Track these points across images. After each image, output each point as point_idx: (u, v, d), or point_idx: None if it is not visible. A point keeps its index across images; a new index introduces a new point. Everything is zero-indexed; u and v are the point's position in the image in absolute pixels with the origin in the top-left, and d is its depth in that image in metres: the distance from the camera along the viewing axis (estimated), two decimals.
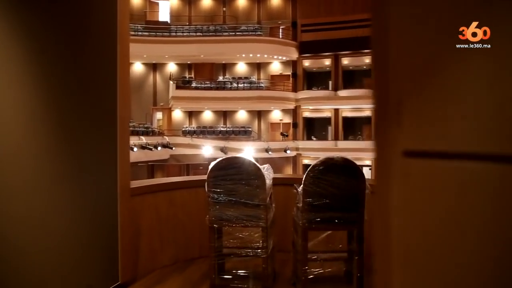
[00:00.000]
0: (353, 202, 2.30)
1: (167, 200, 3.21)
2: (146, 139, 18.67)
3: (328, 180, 2.28)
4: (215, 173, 2.45)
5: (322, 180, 2.28)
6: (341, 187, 2.28)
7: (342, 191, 2.29)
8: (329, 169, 2.28)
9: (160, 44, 21.73)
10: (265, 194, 2.43)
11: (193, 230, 3.30)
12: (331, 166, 2.27)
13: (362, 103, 21.52)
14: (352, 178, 2.29)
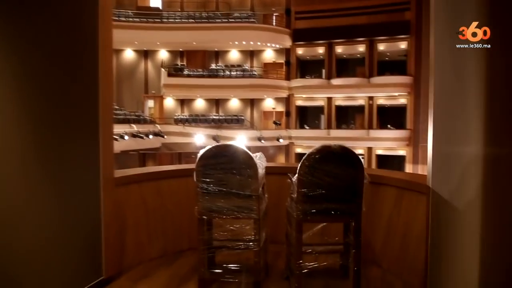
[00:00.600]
0: (351, 192, 2.17)
1: (154, 190, 3.05)
2: (138, 127, 18.44)
3: (325, 169, 2.13)
4: (204, 162, 2.31)
5: (318, 169, 2.14)
6: (338, 176, 2.14)
7: (339, 181, 2.15)
8: (326, 158, 2.14)
9: (151, 30, 21.35)
10: (258, 184, 2.29)
11: (182, 221, 3.14)
12: (328, 154, 2.15)
13: (355, 92, 21.46)
14: (350, 167, 2.15)
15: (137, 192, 2.92)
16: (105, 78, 2.39)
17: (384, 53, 21.92)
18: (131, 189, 2.86)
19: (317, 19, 21.65)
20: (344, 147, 2.13)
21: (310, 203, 2.19)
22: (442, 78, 2.02)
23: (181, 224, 3.15)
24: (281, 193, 3.21)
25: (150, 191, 3.02)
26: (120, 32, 20.55)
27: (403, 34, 20.63)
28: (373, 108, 21.68)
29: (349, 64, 22.88)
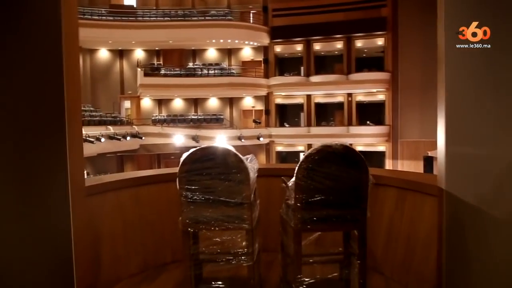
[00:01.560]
0: (355, 197, 1.94)
1: (132, 198, 2.77)
2: (114, 129, 17.91)
3: (325, 171, 1.92)
4: (188, 167, 2.04)
5: (318, 172, 1.92)
6: (341, 179, 1.91)
7: (341, 185, 1.91)
8: (326, 159, 1.92)
9: (126, 29, 20.78)
10: (249, 190, 2.05)
11: (163, 231, 2.86)
12: (329, 155, 1.92)
13: (334, 89, 21.48)
14: (353, 168, 1.92)
15: (113, 201, 2.63)
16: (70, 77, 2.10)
17: (361, 49, 22.02)
18: (106, 197, 2.58)
19: (295, 16, 21.58)
20: (346, 146, 1.91)
21: (309, 210, 1.95)
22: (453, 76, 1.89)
23: (163, 235, 2.86)
24: (271, 197, 2.99)
25: (127, 200, 2.73)
26: (93, 31, 19.97)
27: (380, 30, 20.76)
28: (352, 105, 21.76)
29: (327, 61, 22.89)
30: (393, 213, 2.49)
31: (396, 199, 2.47)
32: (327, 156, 1.90)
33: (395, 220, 2.48)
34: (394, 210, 2.48)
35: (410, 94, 19.98)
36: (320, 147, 1.92)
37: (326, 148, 1.91)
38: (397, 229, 2.45)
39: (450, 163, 1.88)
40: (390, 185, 2.49)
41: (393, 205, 2.49)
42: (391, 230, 2.49)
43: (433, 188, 2.10)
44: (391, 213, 2.50)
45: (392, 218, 2.49)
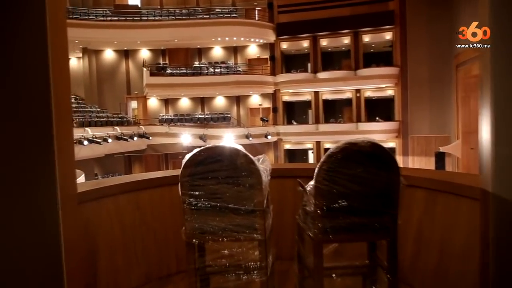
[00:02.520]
0: (384, 202, 1.68)
1: (132, 203, 2.54)
2: (121, 130, 17.80)
3: (350, 173, 1.67)
4: (191, 170, 1.80)
5: (341, 173, 1.68)
6: (368, 182, 1.64)
7: (368, 188, 1.66)
8: (351, 158, 1.67)
9: (131, 29, 20.68)
10: (262, 195, 1.80)
11: (167, 239, 2.62)
12: (353, 154, 1.67)
13: (342, 85, 21.16)
14: (382, 169, 1.68)
15: (110, 207, 2.41)
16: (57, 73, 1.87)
17: (369, 44, 21.66)
18: (103, 204, 2.35)
19: (300, 12, 21.29)
20: (375, 143, 1.65)
21: (331, 218, 1.69)
22: (501, 72, 1.67)
23: (167, 243, 2.62)
24: (284, 199, 2.75)
25: (127, 205, 2.50)
26: (98, 32, 19.90)
27: (388, 24, 20.38)
28: (361, 101, 21.42)
29: (334, 57, 22.58)
30: (422, 217, 2.21)
31: (426, 201, 2.19)
32: (352, 155, 1.64)
33: (424, 226, 2.20)
34: (423, 214, 2.20)
35: (419, 88, 19.60)
36: (343, 145, 1.66)
37: (351, 146, 1.65)
38: (427, 236, 2.17)
39: (498, 164, 1.63)
40: (418, 186, 2.21)
41: (422, 209, 2.21)
42: (420, 236, 2.21)
43: (473, 190, 1.84)
44: (419, 218, 2.22)
45: (421, 223, 2.21)
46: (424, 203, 2.21)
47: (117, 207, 2.44)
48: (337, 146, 1.67)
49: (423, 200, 2.21)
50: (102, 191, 2.37)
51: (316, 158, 21.85)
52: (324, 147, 21.84)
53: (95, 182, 2.81)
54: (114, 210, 2.42)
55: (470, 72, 15.47)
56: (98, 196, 2.31)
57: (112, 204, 2.41)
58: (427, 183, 2.17)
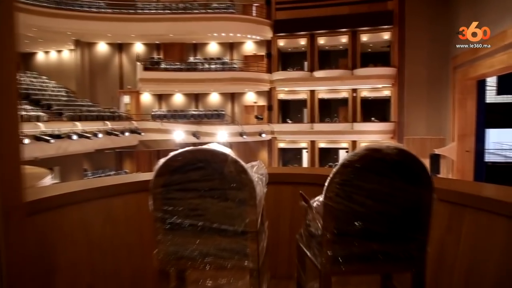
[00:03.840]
0: (410, 224, 1.37)
1: (102, 212, 2.11)
2: (112, 125, 17.39)
3: (369, 188, 1.33)
4: (166, 179, 1.41)
5: (359, 188, 1.34)
6: (392, 199, 1.35)
7: (392, 207, 1.36)
8: (372, 168, 1.32)
9: (125, 22, 20.25)
10: (255, 213, 1.43)
11: (144, 256, 2.14)
12: (376, 163, 1.32)
13: (338, 84, 20.93)
14: (411, 183, 1.35)
15: (74, 217, 2.00)
16: None
17: (367, 44, 21.44)
18: (64, 214, 1.95)
19: (299, 9, 21.01)
20: (403, 149, 1.29)
21: (344, 244, 1.37)
22: None
23: (144, 261, 2.15)
24: (280, 208, 2.43)
25: (95, 215, 2.08)
26: (91, 24, 19.46)
27: (386, 24, 20.18)
28: (357, 101, 21.20)
29: (331, 56, 22.34)
30: (444, 238, 1.85)
31: (449, 219, 1.85)
32: (374, 164, 1.31)
33: (448, 247, 1.86)
34: (446, 235, 1.86)
35: (416, 90, 19.42)
36: (363, 151, 1.32)
37: (373, 152, 1.31)
38: (451, 259, 1.83)
39: None
40: (440, 199, 1.89)
41: (445, 228, 1.87)
42: (442, 259, 1.85)
43: (511, 208, 1.57)
44: (441, 237, 1.87)
45: (444, 243, 1.86)
46: (447, 221, 1.87)
47: (82, 217, 2.04)
48: (354, 153, 1.33)
49: (446, 217, 1.87)
50: (63, 199, 1.96)
51: (310, 158, 21.59)
52: (319, 146, 21.60)
53: (57, 185, 2.43)
54: (78, 220, 2.02)
55: (467, 74, 15.28)
56: (57, 205, 1.91)
57: (76, 214, 2.01)
58: (451, 196, 1.84)
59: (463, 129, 16.09)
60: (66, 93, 20.02)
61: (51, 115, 16.00)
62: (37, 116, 14.52)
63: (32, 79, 19.34)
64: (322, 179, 2.51)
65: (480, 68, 13.95)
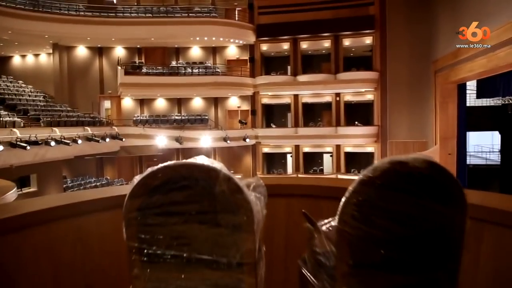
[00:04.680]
0: (440, 251, 1.17)
1: (71, 233, 1.79)
2: (93, 130, 16.92)
3: (393, 209, 1.10)
4: (143, 201, 1.14)
5: (381, 210, 1.10)
6: (419, 222, 1.11)
7: (419, 231, 1.13)
8: (397, 186, 1.10)
9: (105, 25, 19.84)
10: (253, 240, 1.17)
11: (123, 282, 1.80)
12: (401, 179, 1.10)
13: (322, 89, 20.95)
14: (443, 203, 1.13)
15: (38, 240, 1.69)
16: None
17: (349, 48, 21.56)
18: (25, 237, 1.64)
19: (281, 14, 21.01)
20: (432, 162, 1.12)
21: (362, 277, 1.14)
22: None
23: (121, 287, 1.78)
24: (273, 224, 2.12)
25: (63, 237, 1.78)
26: (70, 27, 18.99)
27: (368, 29, 20.36)
28: (341, 105, 21.27)
29: (314, 60, 22.39)
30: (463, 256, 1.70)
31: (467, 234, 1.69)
32: (399, 180, 1.09)
33: (465, 268, 1.67)
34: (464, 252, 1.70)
35: (398, 94, 19.62)
36: (386, 165, 1.09)
37: (397, 166, 1.09)
38: (469, 281, 1.66)
39: None
40: None
41: None
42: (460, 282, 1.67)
43: None
44: None
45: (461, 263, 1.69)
46: None
47: (48, 239, 1.73)
48: (375, 166, 1.10)
49: None
50: (25, 219, 1.64)
51: (295, 162, 21.51)
52: (303, 151, 21.54)
53: (19, 204, 2.11)
54: (43, 244, 1.71)
55: (448, 78, 15.48)
56: (18, 227, 1.62)
57: (40, 236, 1.71)
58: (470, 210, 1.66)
59: (445, 132, 16.28)
60: (44, 98, 19.44)
61: (28, 121, 15.47)
62: (13, 122, 14.00)
63: (7, 84, 18.70)
64: (318, 190, 2.32)
65: (460, 72, 14.14)
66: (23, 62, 22.58)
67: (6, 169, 12.91)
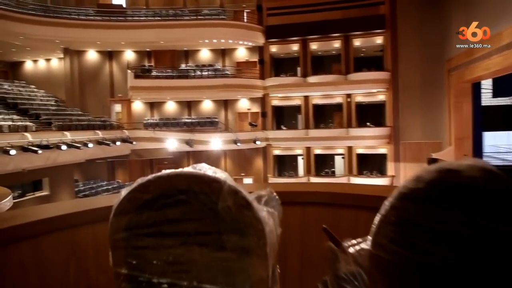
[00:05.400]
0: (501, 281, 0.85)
1: (64, 246, 1.61)
2: (103, 134, 16.96)
3: (441, 230, 0.74)
4: (131, 219, 0.92)
5: (425, 230, 0.74)
6: (474, 246, 0.74)
7: (474, 257, 0.75)
8: (447, 200, 0.65)
9: (115, 29, 19.91)
10: (266, 266, 0.93)
11: None
12: (452, 191, 0.66)
13: (332, 90, 20.73)
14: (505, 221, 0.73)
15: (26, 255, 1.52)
16: None
17: (360, 49, 21.30)
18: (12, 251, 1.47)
19: (290, 15, 20.84)
20: (491, 170, 0.69)
21: None
22: None
23: None
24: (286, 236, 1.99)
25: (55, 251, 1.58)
26: (80, 32, 19.09)
27: (379, 28, 20.09)
28: (352, 106, 21.01)
29: (324, 61, 22.16)
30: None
31: None
32: (449, 194, 0.69)
33: None
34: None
35: (411, 94, 19.30)
36: (433, 174, 0.65)
37: (448, 175, 0.67)
38: None
39: None
40: None
41: None
42: None
43: None
44: None
45: None
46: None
47: (38, 254, 1.56)
48: (418, 176, 0.70)
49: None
50: (13, 232, 1.49)
51: (306, 165, 21.31)
52: (314, 153, 21.33)
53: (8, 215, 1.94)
54: (33, 259, 1.55)
55: (462, 77, 15.16)
56: (5, 241, 1.46)
57: (29, 250, 1.54)
58: None
59: (460, 132, 15.95)
60: (55, 102, 19.57)
61: (40, 125, 15.55)
62: (25, 126, 14.07)
63: (20, 88, 18.86)
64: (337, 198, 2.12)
65: (475, 71, 13.81)
66: (35, 67, 22.79)
67: (19, 173, 12.99)
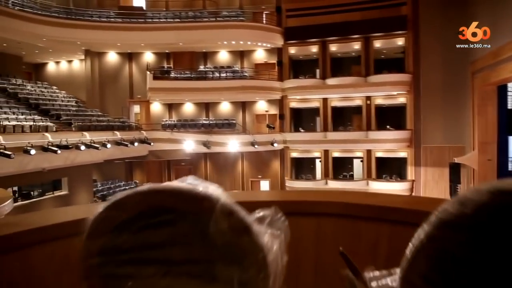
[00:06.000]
0: None
1: (58, 257, 1.44)
2: (122, 135, 17.11)
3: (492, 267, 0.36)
4: (105, 243, 0.51)
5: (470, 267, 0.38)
6: None
7: None
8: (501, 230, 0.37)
9: (135, 31, 20.12)
10: None
11: None
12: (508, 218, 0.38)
13: (351, 92, 20.41)
14: None
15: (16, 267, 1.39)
16: None
17: (380, 50, 20.93)
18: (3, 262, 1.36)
19: (309, 16, 20.63)
20: None
21: None
22: None
23: None
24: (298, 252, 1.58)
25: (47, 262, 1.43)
26: (101, 34, 19.35)
27: (400, 30, 19.68)
28: (371, 108, 20.63)
29: (344, 63, 21.86)
30: None
31: None
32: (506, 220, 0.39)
33: None
34: None
35: (432, 96, 18.80)
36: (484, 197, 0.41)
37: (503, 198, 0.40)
38: None
39: None
40: None
41: None
42: None
43: None
44: None
45: None
46: None
47: (29, 265, 1.43)
48: (464, 199, 0.43)
49: None
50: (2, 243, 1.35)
51: (323, 168, 21.03)
52: (333, 156, 21.04)
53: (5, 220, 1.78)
54: (21, 273, 1.40)
55: (487, 79, 14.68)
56: None
57: (18, 263, 1.40)
58: None
59: (484, 136, 15.44)
60: (76, 103, 19.89)
61: (60, 125, 15.80)
62: (46, 126, 14.30)
63: (42, 89, 19.24)
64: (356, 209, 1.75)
65: (501, 73, 13.34)
66: (57, 68, 23.23)
67: (39, 173, 13.19)
